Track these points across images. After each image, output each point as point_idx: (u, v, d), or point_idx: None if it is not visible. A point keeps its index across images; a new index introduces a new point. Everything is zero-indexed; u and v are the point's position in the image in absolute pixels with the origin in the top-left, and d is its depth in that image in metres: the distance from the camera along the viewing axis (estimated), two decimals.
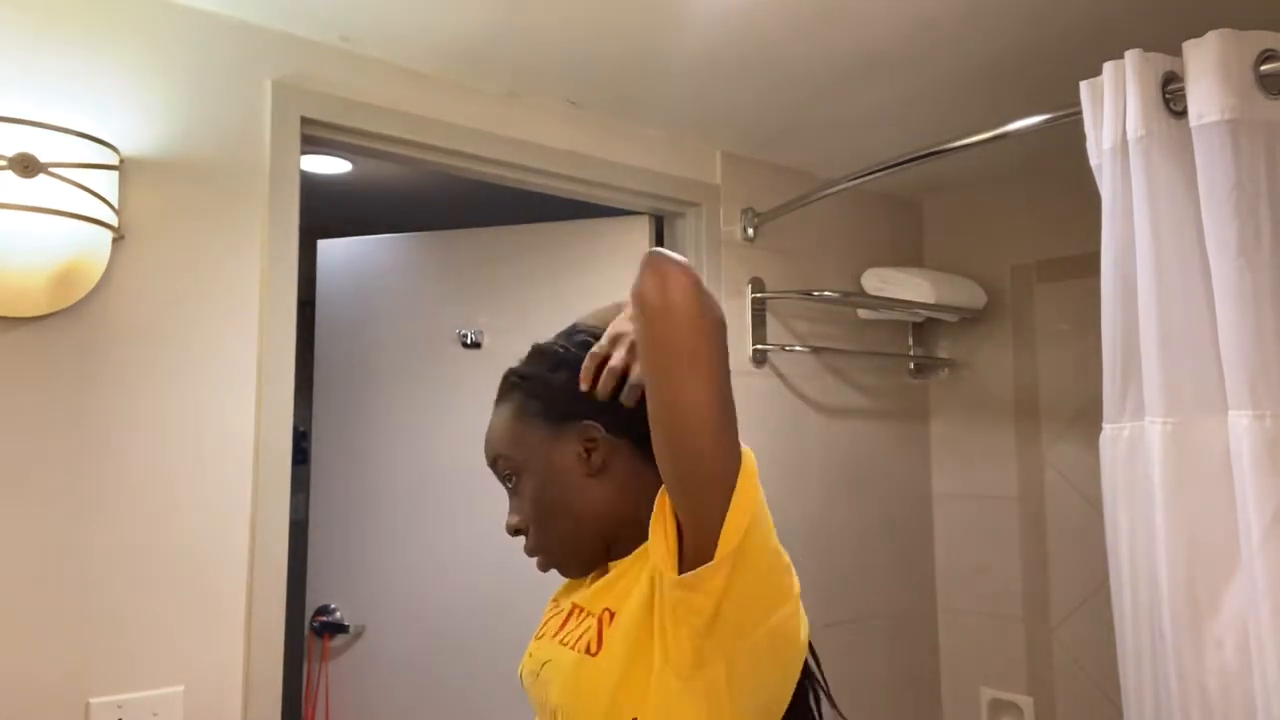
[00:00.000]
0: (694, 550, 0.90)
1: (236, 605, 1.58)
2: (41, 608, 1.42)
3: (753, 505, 0.90)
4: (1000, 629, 2.59)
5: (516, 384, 1.11)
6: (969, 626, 2.66)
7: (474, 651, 2.28)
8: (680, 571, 0.90)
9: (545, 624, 1.14)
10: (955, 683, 2.69)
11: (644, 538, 0.98)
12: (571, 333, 1.15)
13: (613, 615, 1.00)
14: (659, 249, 0.93)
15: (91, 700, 1.44)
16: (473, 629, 2.28)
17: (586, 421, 1.06)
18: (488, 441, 1.12)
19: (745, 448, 0.93)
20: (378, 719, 2.35)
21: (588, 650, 0.99)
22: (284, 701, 1.64)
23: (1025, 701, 2.52)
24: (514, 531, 1.11)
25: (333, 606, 2.39)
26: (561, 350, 1.11)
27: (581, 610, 1.06)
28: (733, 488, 0.89)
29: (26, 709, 1.39)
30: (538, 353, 1.13)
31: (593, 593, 1.07)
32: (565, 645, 1.04)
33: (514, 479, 1.10)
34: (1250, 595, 1.28)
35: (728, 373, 0.91)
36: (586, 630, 1.02)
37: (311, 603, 2.41)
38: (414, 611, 2.34)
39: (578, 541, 1.08)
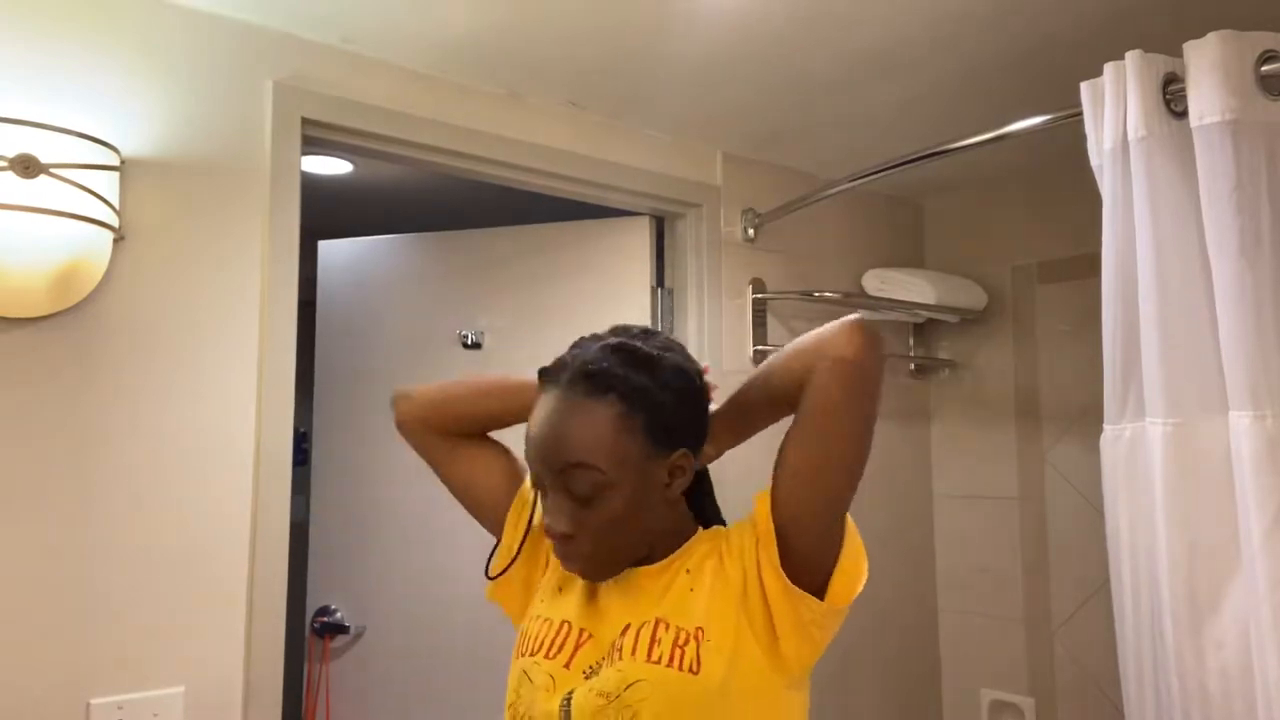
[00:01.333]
0: (805, 573, 1.02)
1: (237, 606, 1.58)
2: (42, 609, 1.42)
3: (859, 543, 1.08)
4: (1001, 630, 2.59)
5: (613, 387, 1.02)
6: (970, 627, 2.66)
7: (474, 652, 2.27)
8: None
9: (545, 642, 1.09)
10: (956, 684, 2.69)
11: (675, 547, 1.09)
12: (641, 333, 1.10)
13: (704, 633, 1.01)
14: (855, 318, 1.02)
15: (92, 701, 1.44)
16: (473, 629, 2.28)
17: (684, 449, 1.07)
18: (563, 442, 1.02)
19: None
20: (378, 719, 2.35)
21: (690, 670, 0.99)
22: (284, 702, 1.64)
23: (1026, 703, 2.52)
24: (564, 537, 1.04)
25: (333, 607, 2.39)
26: (661, 356, 1.06)
27: (667, 625, 1.03)
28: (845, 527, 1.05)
29: (28, 710, 1.39)
30: (636, 356, 1.05)
31: (670, 605, 1.04)
32: (658, 664, 1.00)
33: (592, 491, 1.02)
34: (1251, 596, 1.28)
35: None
36: (680, 649, 1.01)
37: (312, 603, 2.41)
38: (414, 612, 2.34)
39: (630, 554, 1.08)
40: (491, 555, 1.22)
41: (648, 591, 1.07)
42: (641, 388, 1.03)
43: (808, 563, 1.02)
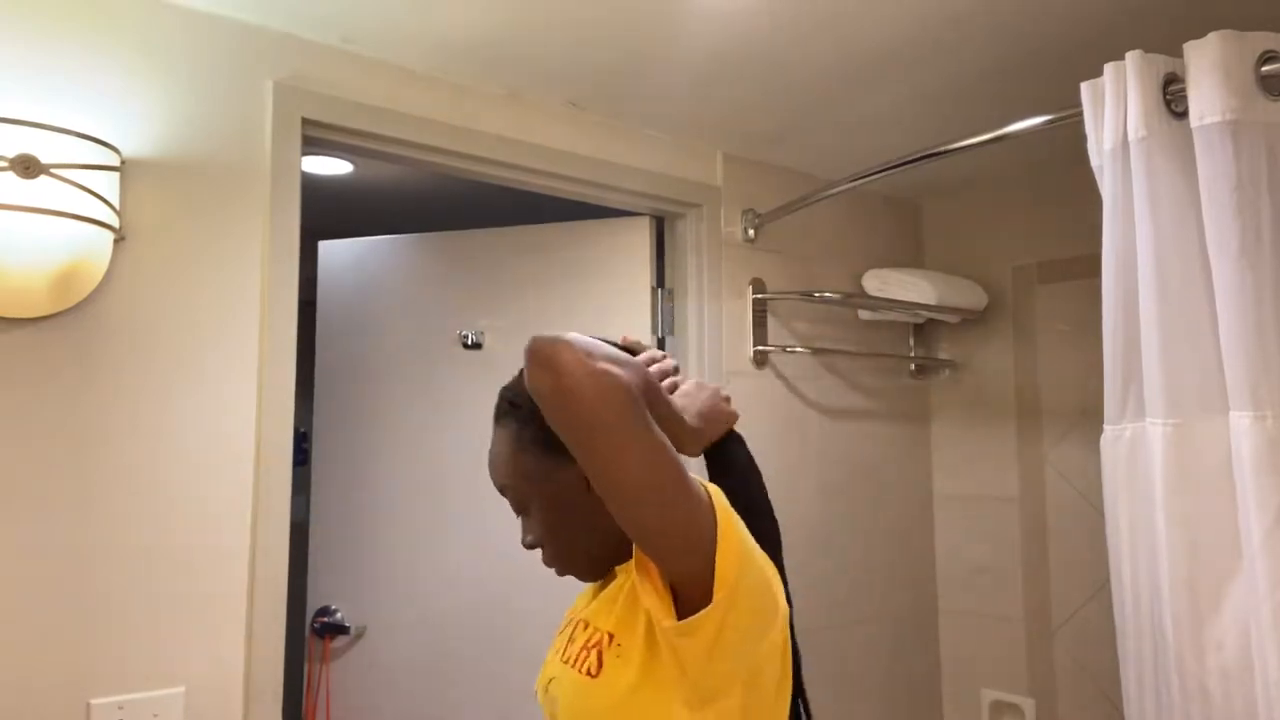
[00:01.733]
0: (688, 600, 0.91)
1: (237, 606, 1.58)
2: (43, 609, 1.42)
3: (738, 545, 0.91)
4: (1001, 630, 2.59)
5: (510, 411, 1.11)
6: (970, 628, 2.66)
7: (475, 652, 2.28)
8: (680, 615, 0.91)
9: (559, 636, 1.16)
10: (956, 684, 2.68)
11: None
12: None
13: (612, 638, 1.01)
14: (537, 335, 0.86)
15: (92, 701, 1.44)
16: (474, 630, 2.28)
17: None
18: (492, 468, 1.13)
19: (704, 484, 0.94)
20: None
21: (589, 673, 1.00)
22: (285, 702, 1.64)
23: (1026, 703, 2.52)
24: (530, 546, 1.14)
25: (333, 608, 2.39)
26: None
27: (586, 625, 1.07)
28: (711, 539, 0.89)
29: (28, 710, 1.39)
30: (518, 375, 1.12)
31: (596, 607, 1.08)
32: (568, 664, 1.05)
33: (520, 506, 1.12)
34: (1251, 596, 1.28)
35: (651, 435, 0.86)
36: (588, 651, 1.03)
37: (312, 604, 2.41)
38: (415, 613, 2.34)
39: (591, 553, 1.11)
40: None
41: (610, 595, 1.08)
42: (525, 403, 1.06)
43: (686, 589, 0.92)
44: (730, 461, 1.15)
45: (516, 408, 1.10)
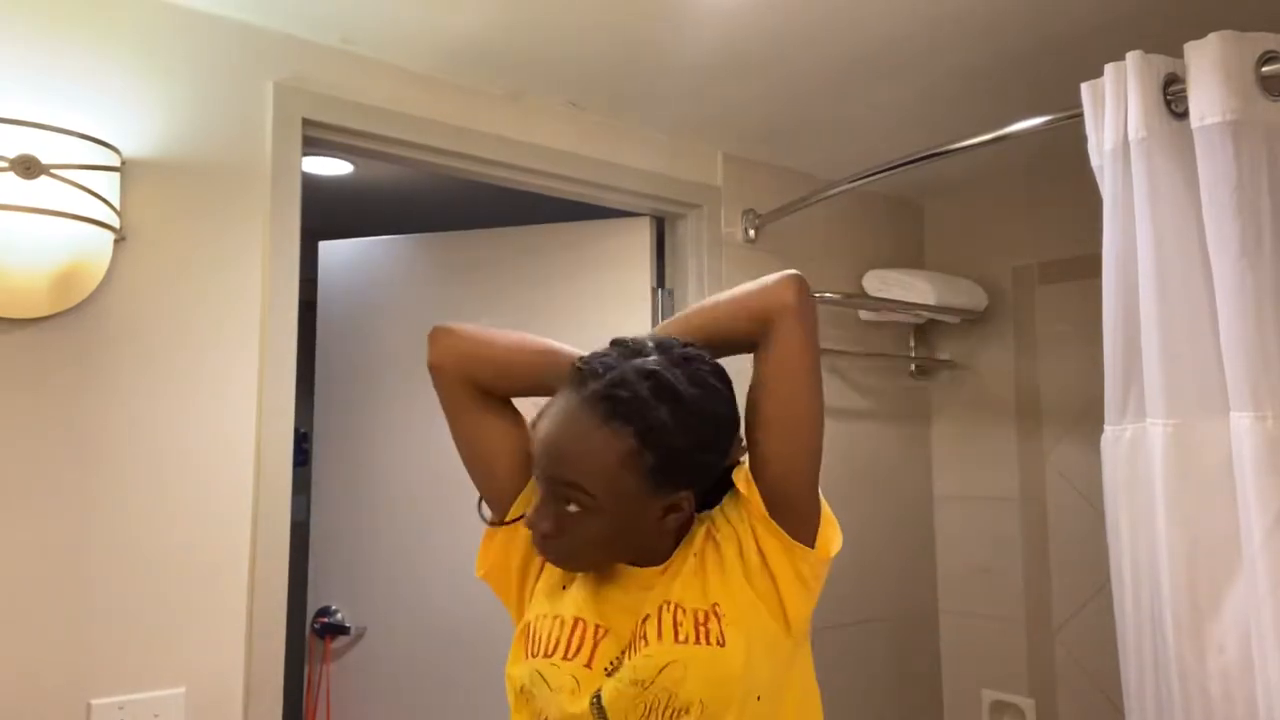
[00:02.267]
0: (797, 526, 1.07)
1: (238, 607, 1.58)
2: (44, 609, 1.42)
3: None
4: (1002, 631, 2.58)
5: (635, 423, 0.99)
6: (971, 628, 2.66)
7: (476, 653, 2.27)
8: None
9: (558, 641, 1.07)
10: (957, 685, 2.68)
11: (672, 550, 1.09)
12: (681, 359, 1.05)
13: (716, 608, 1.04)
14: (794, 272, 1.10)
15: (93, 701, 1.44)
16: (474, 630, 2.28)
17: (685, 492, 1.06)
18: (567, 457, 1.01)
19: None
20: None
21: (718, 643, 1.02)
22: (285, 703, 1.64)
23: (1027, 704, 2.52)
24: (544, 534, 1.04)
25: (334, 608, 2.39)
26: (692, 394, 1.02)
27: (680, 607, 1.04)
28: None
29: (29, 710, 1.39)
30: (667, 390, 1.01)
31: (679, 589, 1.06)
32: (688, 643, 1.02)
33: (580, 508, 1.01)
34: (1252, 597, 1.28)
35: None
36: (702, 628, 1.03)
37: (313, 604, 2.41)
38: (415, 613, 2.34)
39: (610, 560, 1.10)
40: (480, 502, 1.19)
41: (654, 581, 1.08)
42: (659, 426, 0.99)
43: (796, 514, 1.07)
44: None
45: (641, 418, 0.99)
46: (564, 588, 1.13)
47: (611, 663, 1.05)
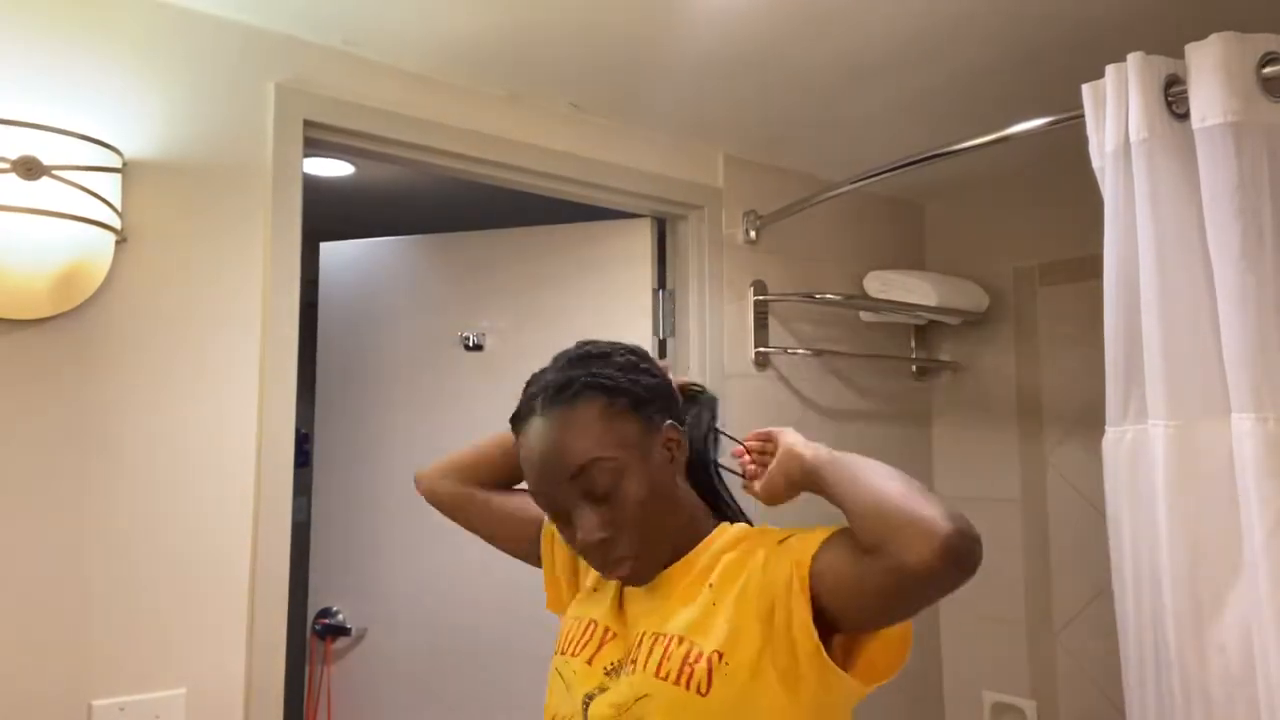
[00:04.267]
0: (838, 635, 1.02)
1: (238, 608, 1.58)
2: (44, 611, 1.42)
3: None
4: (1003, 632, 2.58)
5: (591, 385, 1.05)
6: (971, 630, 2.66)
7: (476, 653, 2.27)
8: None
9: (575, 640, 1.12)
10: (957, 686, 2.68)
11: (696, 538, 1.09)
12: (594, 343, 1.14)
13: (721, 657, 0.98)
14: (954, 529, 0.88)
15: (94, 703, 1.44)
16: (475, 631, 2.28)
17: (667, 421, 1.09)
18: (565, 451, 1.03)
19: None
20: None
21: (699, 690, 0.98)
22: (286, 704, 1.64)
23: (1028, 705, 2.52)
24: (602, 542, 1.04)
25: (335, 609, 2.39)
26: (609, 350, 1.11)
27: (680, 640, 1.02)
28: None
29: (30, 711, 1.39)
30: (591, 357, 1.10)
31: (684, 621, 1.03)
32: (668, 680, 1.00)
33: (611, 482, 1.03)
34: (1253, 599, 1.28)
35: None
36: (690, 667, 0.99)
37: (314, 605, 2.41)
38: (416, 614, 2.34)
39: (666, 545, 1.08)
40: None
41: (671, 599, 1.06)
42: (610, 377, 1.07)
43: (841, 628, 1.01)
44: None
45: (593, 379, 1.05)
46: (594, 589, 1.18)
47: (612, 664, 1.07)
